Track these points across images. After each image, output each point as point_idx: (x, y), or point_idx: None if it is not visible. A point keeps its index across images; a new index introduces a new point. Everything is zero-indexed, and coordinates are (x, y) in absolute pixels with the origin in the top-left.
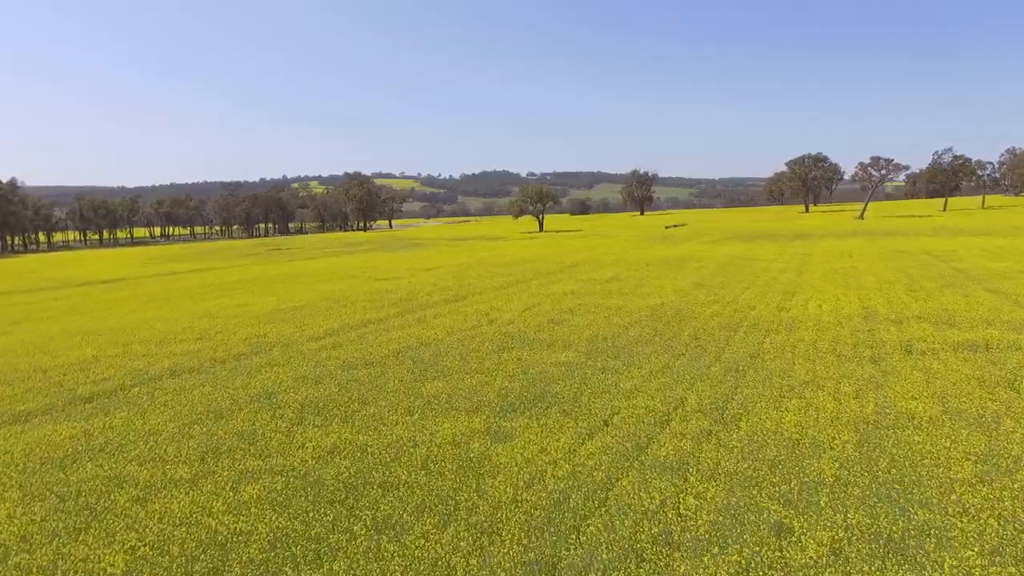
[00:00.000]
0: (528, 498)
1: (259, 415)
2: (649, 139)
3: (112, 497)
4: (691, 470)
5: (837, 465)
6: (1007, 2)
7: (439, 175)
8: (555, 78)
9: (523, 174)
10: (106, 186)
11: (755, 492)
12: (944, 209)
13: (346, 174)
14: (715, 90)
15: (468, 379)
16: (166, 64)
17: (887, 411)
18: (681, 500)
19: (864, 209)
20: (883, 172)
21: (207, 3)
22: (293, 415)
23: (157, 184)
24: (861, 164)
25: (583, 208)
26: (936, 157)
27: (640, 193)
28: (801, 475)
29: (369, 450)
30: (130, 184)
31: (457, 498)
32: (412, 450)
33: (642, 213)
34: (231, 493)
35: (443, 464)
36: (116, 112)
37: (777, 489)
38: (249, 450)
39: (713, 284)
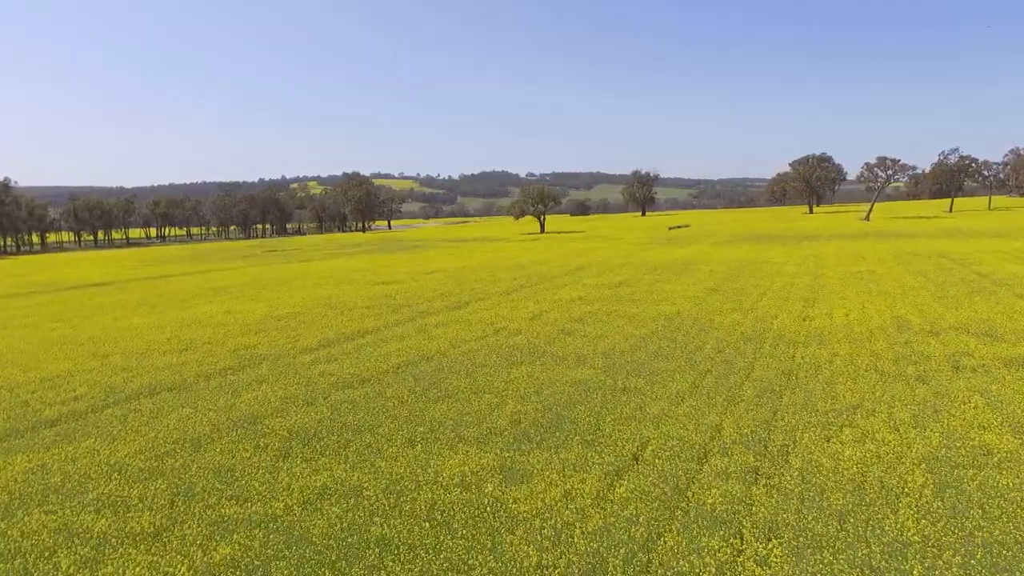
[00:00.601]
0: (556, 562)
1: (241, 445)
2: (649, 139)
3: (56, 558)
4: (745, 523)
5: (919, 518)
6: (1007, 2)
7: (438, 175)
8: (555, 78)
9: (522, 174)
10: (105, 186)
11: (828, 557)
12: (950, 210)
13: (344, 174)
14: (715, 90)
15: (476, 401)
16: (166, 64)
17: (957, 444)
18: (742, 567)
19: (870, 210)
20: (890, 172)
21: (207, 3)
22: (279, 445)
23: (156, 184)
24: (867, 164)
25: (582, 209)
26: (942, 157)
27: (642, 194)
28: (879, 532)
29: (364, 493)
30: (129, 184)
31: (470, 562)
32: (415, 494)
33: (643, 214)
34: (200, 553)
35: (451, 513)
36: (116, 112)
37: (855, 553)
38: (226, 492)
39: (727, 290)
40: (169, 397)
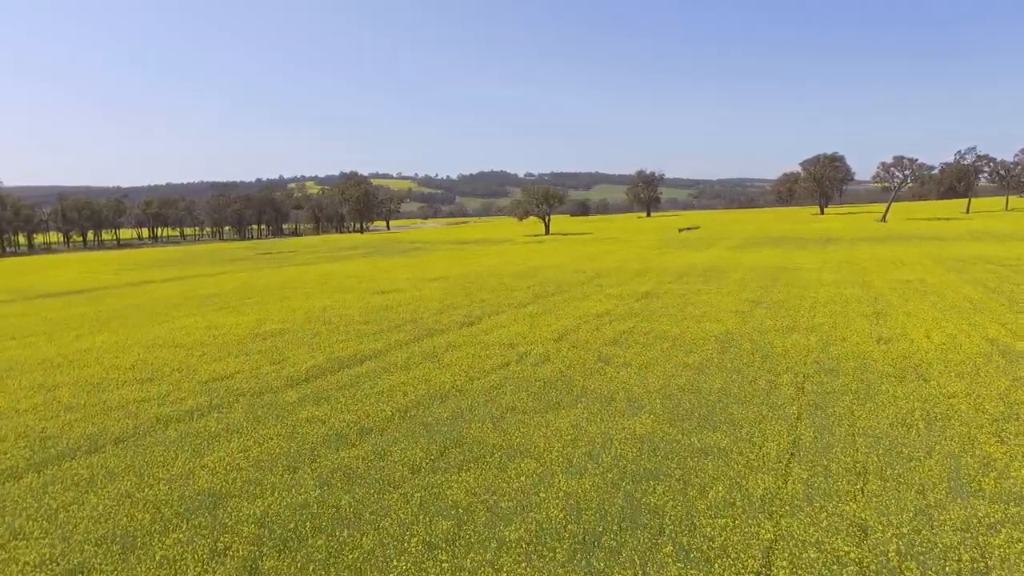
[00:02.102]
0: None
1: (191, 550)
2: (647, 139)
3: None
4: None
5: None
6: (1008, 3)
7: (436, 175)
8: (554, 78)
9: (521, 174)
10: (102, 186)
11: None
12: (967, 211)
13: (342, 174)
14: (714, 90)
15: (512, 470)
16: (165, 64)
17: None
18: None
19: (886, 211)
20: (907, 172)
21: (207, 3)
22: (244, 553)
23: (154, 184)
24: (883, 164)
25: (583, 209)
26: (959, 157)
27: (647, 194)
28: None
29: None
30: (126, 184)
31: None
32: None
33: (648, 214)
34: None
35: None
36: (114, 112)
37: None
38: None
39: (772, 302)
40: (113, 455)
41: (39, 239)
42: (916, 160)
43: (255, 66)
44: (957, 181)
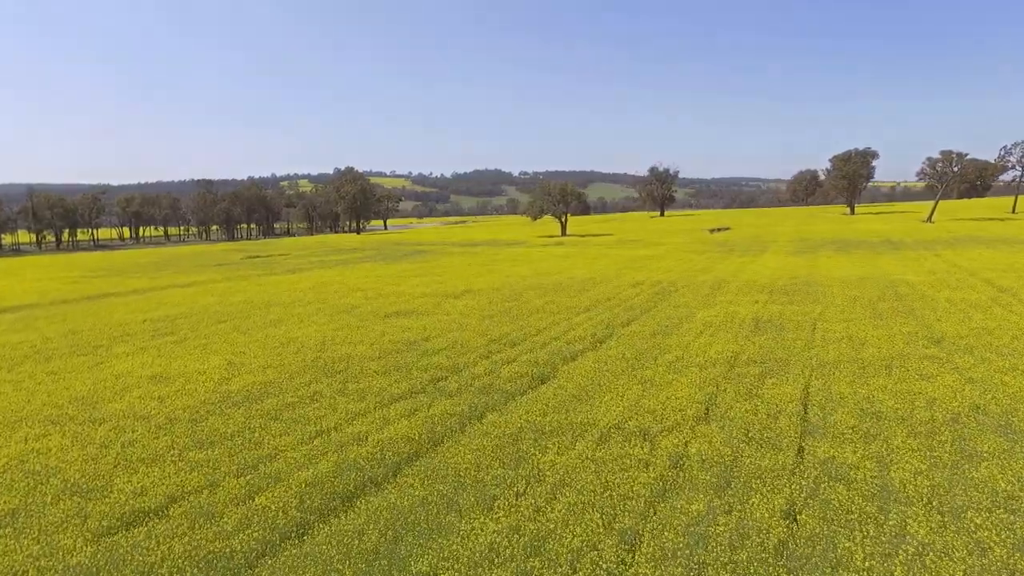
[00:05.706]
0: None
1: None
2: (641, 139)
3: None
4: None
5: None
6: (1009, 4)
7: (431, 174)
8: (550, 78)
9: (515, 173)
10: (89, 183)
11: None
12: (1013, 210)
13: (337, 171)
14: (712, 90)
15: None
16: (158, 62)
17: None
18: None
19: (933, 211)
20: (956, 168)
21: (202, 4)
22: None
23: (144, 182)
24: (929, 159)
25: (584, 208)
26: (1004, 153)
27: (661, 192)
28: None
29: None
30: (116, 183)
31: None
32: None
33: (662, 214)
34: None
35: None
36: (103, 110)
37: None
38: None
39: (953, 339)
40: None
41: (8, 239)
42: (966, 155)
43: (249, 65)
44: (977, 179)
